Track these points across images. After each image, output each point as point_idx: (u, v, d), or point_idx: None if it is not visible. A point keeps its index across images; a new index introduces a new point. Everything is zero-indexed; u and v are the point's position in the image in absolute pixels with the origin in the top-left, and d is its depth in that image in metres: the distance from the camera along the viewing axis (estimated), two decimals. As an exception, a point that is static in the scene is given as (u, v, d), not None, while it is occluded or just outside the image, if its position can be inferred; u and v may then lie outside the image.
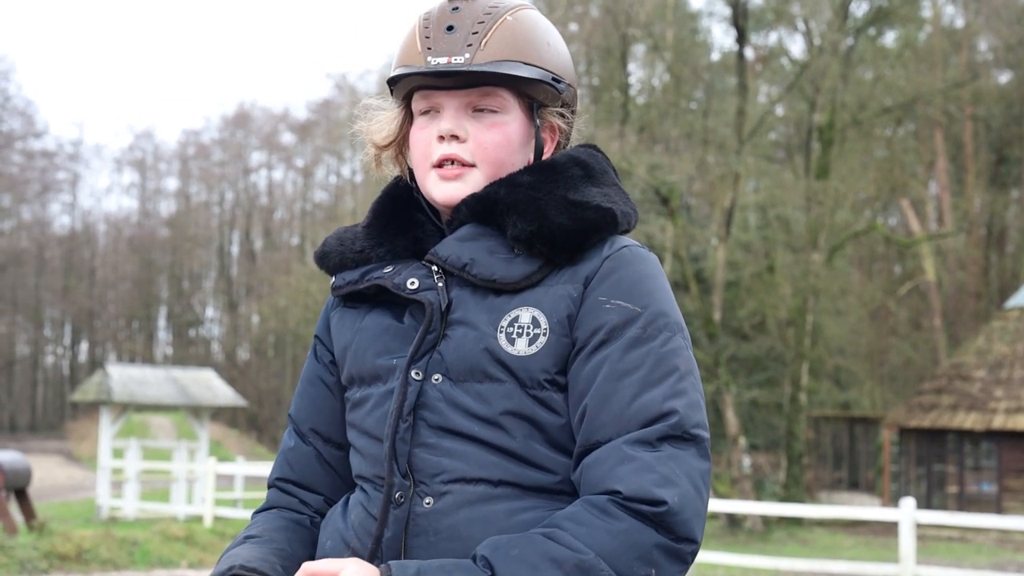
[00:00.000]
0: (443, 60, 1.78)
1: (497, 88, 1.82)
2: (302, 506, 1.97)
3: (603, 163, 1.93)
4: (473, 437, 1.72)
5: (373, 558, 1.74)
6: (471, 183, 1.82)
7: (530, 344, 1.73)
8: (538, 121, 1.89)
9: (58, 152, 73.71)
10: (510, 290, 1.76)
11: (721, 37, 43.45)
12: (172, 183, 78.82)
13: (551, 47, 1.86)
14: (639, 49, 33.05)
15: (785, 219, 32.60)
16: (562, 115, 1.92)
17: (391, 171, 1.99)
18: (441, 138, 1.82)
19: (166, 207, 78.89)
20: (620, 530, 1.59)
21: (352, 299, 1.93)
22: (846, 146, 31.94)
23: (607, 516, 1.61)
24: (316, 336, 2.02)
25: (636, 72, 35.02)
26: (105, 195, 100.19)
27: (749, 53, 33.04)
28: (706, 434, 1.71)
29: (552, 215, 1.76)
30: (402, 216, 1.93)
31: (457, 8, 1.82)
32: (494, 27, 1.79)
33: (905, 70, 34.66)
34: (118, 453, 25.37)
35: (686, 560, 1.63)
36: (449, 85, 1.81)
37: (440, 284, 1.80)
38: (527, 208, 1.77)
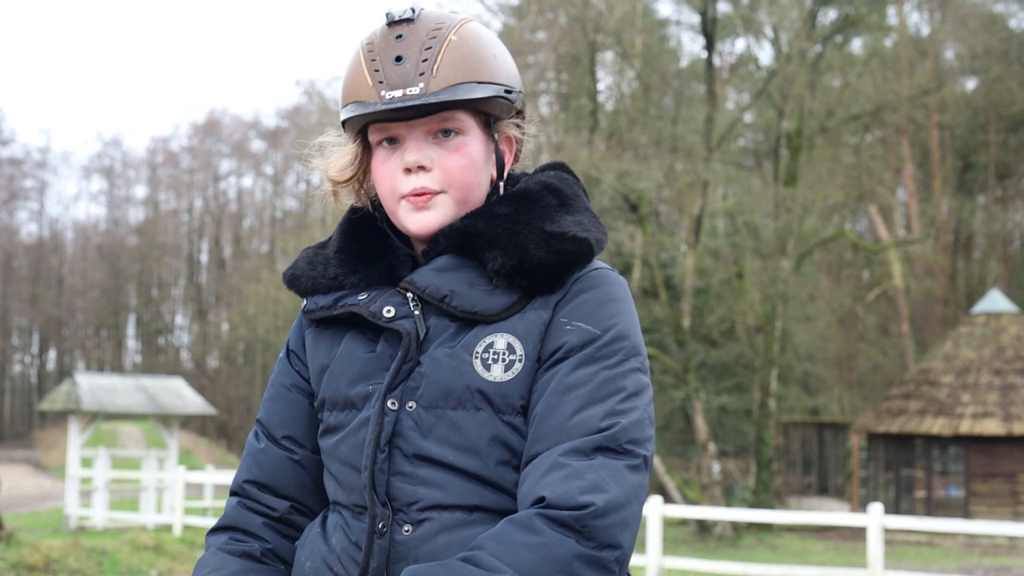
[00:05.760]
0: (398, 93, 1.76)
1: (454, 111, 1.81)
2: (264, 520, 1.94)
3: (574, 187, 1.95)
4: (447, 464, 1.74)
5: None
6: (442, 209, 1.83)
7: (506, 370, 1.75)
8: (496, 135, 1.89)
9: (25, 159, 73.41)
10: (489, 321, 1.78)
11: (689, 44, 43.53)
12: (141, 190, 78.37)
13: (497, 59, 1.85)
14: (608, 56, 33.14)
15: (754, 226, 32.75)
16: (517, 125, 1.93)
17: (348, 203, 1.98)
18: (407, 170, 1.82)
19: (135, 215, 78.38)
20: (539, 544, 1.59)
21: (325, 322, 1.93)
22: (814, 153, 32.15)
23: (527, 531, 1.60)
24: (291, 349, 2.01)
25: (605, 79, 35.09)
26: (73, 203, 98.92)
27: (717, 60, 33.20)
28: (644, 452, 1.71)
29: (531, 249, 1.77)
30: (373, 241, 1.93)
31: (401, 36, 1.79)
32: (442, 50, 1.77)
33: (872, 78, 34.97)
34: (87, 462, 25.20)
35: (610, 569, 1.62)
36: (407, 116, 1.80)
37: (416, 312, 1.81)
38: (507, 242, 1.78)
